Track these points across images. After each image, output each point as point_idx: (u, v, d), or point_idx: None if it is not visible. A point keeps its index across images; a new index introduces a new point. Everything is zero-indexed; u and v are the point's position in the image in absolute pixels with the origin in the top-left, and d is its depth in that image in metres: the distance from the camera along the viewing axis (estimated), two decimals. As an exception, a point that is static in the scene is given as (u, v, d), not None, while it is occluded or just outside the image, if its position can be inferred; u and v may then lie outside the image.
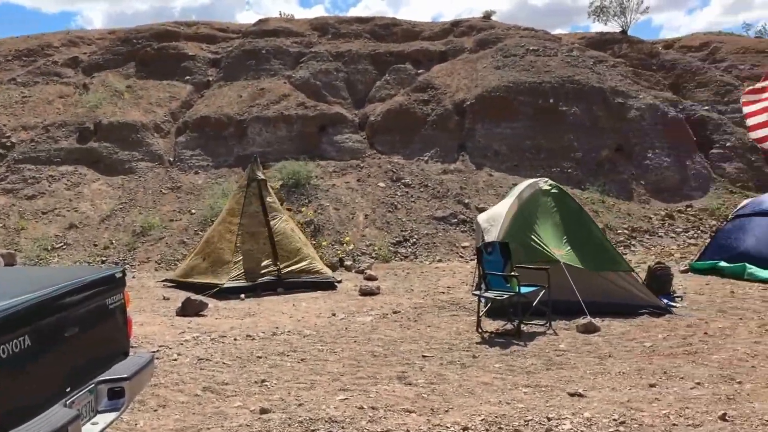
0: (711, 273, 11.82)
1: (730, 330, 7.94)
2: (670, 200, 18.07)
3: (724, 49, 24.82)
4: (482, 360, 6.82)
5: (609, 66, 21.77)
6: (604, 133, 19.25)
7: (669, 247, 15.43)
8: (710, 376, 6.10)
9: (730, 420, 4.93)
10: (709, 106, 21.01)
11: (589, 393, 5.65)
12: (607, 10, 25.88)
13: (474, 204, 16.46)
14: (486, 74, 20.75)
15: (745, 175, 18.97)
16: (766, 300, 9.71)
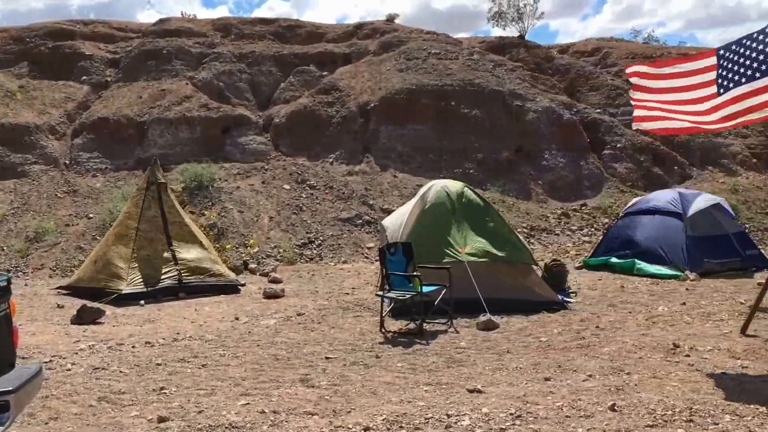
0: (603, 269, 12.39)
1: (620, 323, 8.34)
2: (565, 199, 18.82)
3: (614, 54, 26.10)
4: (385, 360, 6.89)
5: (508, 70, 22.45)
6: (504, 134, 19.84)
7: (565, 244, 16.06)
8: (601, 368, 6.38)
9: (619, 410, 5.18)
10: (601, 109, 22.04)
11: (487, 389, 5.80)
12: (505, 15, 26.68)
13: (379, 205, 16.60)
14: (390, 77, 20.98)
15: (635, 174, 19.98)
16: (654, 294, 10.25)
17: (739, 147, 21.45)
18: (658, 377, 6.08)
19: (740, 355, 6.75)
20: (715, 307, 9.08)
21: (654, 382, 5.93)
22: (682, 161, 20.45)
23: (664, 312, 8.90)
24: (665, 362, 6.57)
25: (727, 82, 6.69)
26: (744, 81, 6.62)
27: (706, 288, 10.50)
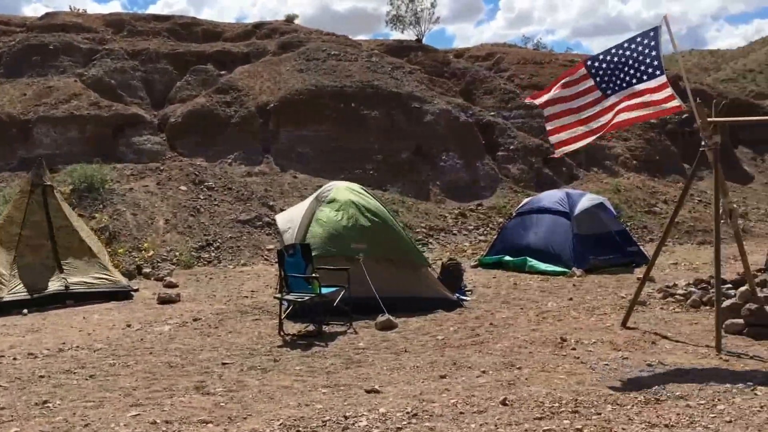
0: (498, 267, 12.79)
1: (513, 319, 8.66)
2: (462, 200, 19.27)
3: (507, 59, 27.00)
4: (283, 363, 6.86)
5: (406, 72, 22.79)
6: (403, 136, 20.11)
7: (462, 243, 16.46)
8: (494, 364, 6.62)
9: (510, 404, 5.39)
10: (495, 111, 22.73)
11: (385, 388, 5.89)
12: (403, 19, 27.10)
13: (279, 206, 16.45)
14: (289, 77, 20.85)
15: (527, 175, 20.72)
16: (544, 290, 10.70)
17: (620, 149, 22.65)
18: (547, 371, 6.37)
19: (621, 347, 7.16)
20: (599, 302, 9.57)
21: (543, 376, 6.20)
22: (570, 163, 21.39)
23: (553, 308, 9.31)
24: (553, 356, 6.89)
25: (612, 85, 7.09)
26: (624, 86, 7.06)
27: (591, 284, 11.05)
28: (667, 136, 24.06)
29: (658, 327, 8.00)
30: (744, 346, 7.05)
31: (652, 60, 6.92)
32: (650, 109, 6.92)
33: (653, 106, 6.90)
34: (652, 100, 6.88)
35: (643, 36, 7.14)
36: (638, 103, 6.93)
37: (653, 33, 7.05)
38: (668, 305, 9.16)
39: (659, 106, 6.90)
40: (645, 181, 21.32)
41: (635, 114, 7.03)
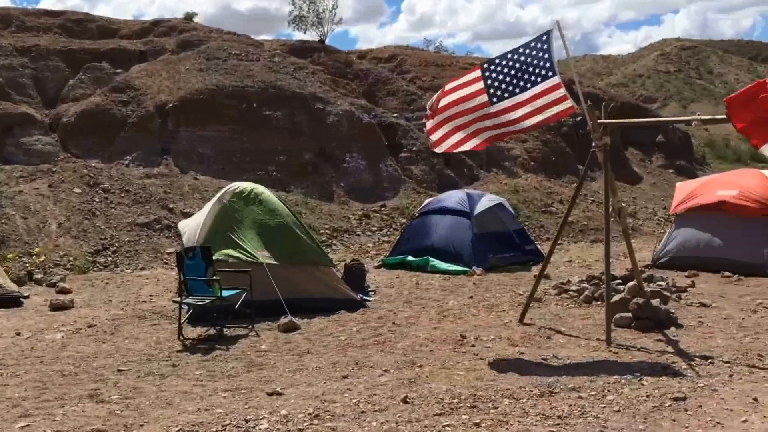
0: (400, 267, 12.91)
1: (415, 318, 8.77)
2: (366, 201, 19.36)
3: (409, 61, 27.35)
4: (182, 368, 6.68)
5: (309, 73, 22.69)
6: (307, 137, 20.00)
7: (366, 244, 16.54)
8: (396, 363, 6.69)
9: (411, 402, 5.46)
10: (398, 113, 22.98)
11: (287, 390, 5.85)
12: (305, 19, 26.96)
13: (179, 209, 16.02)
14: (189, 77, 20.33)
15: (429, 176, 21.05)
16: (446, 289, 10.88)
17: (519, 151, 23.38)
18: (447, 368, 6.50)
19: (518, 343, 7.39)
20: (497, 300, 9.84)
21: (443, 373, 6.32)
22: (471, 164, 21.89)
23: (454, 306, 9.50)
24: (454, 353, 7.03)
25: (500, 92, 7.28)
26: (518, 91, 7.26)
27: (490, 282, 11.34)
28: (562, 138, 25.00)
29: (552, 322, 8.31)
30: (632, 338, 7.42)
31: (545, 62, 7.12)
32: (544, 114, 7.11)
33: (548, 110, 7.08)
34: (546, 104, 7.07)
35: (536, 40, 7.35)
36: (533, 110, 7.11)
37: (546, 37, 7.28)
38: (563, 301, 9.52)
39: (553, 109, 7.08)
40: (542, 181, 22.09)
41: (530, 122, 7.18)
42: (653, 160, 28.45)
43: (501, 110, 7.24)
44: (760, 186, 11.63)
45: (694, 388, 5.68)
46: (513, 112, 7.21)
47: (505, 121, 7.25)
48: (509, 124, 7.26)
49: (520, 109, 7.18)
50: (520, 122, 7.22)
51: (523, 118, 7.18)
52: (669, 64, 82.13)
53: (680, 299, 9.30)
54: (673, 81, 77.58)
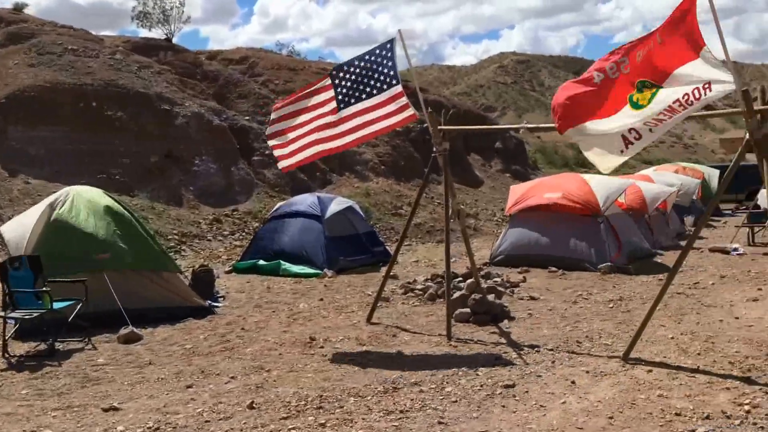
0: (252, 272, 12.77)
1: (264, 323, 8.72)
2: (217, 205, 18.97)
3: (261, 64, 27.11)
4: (7, 388, 6.21)
5: (155, 72, 21.89)
6: (152, 139, 19.28)
7: (217, 249, 16.19)
8: (243, 369, 6.62)
9: (257, 407, 5.44)
10: (250, 116, 22.72)
11: (125, 405, 5.62)
12: (150, 16, 25.96)
13: (8, 215, 14.87)
14: (18, 72, 18.97)
15: (282, 180, 20.98)
16: (297, 292, 10.90)
17: (370, 155, 23.86)
18: (295, 371, 6.53)
19: (366, 342, 7.57)
20: (347, 301, 10.01)
21: (291, 376, 6.34)
22: (324, 168, 22.07)
23: (305, 309, 9.54)
24: (302, 356, 7.07)
25: (347, 99, 7.45)
26: (365, 97, 7.45)
27: (341, 284, 11.50)
28: (411, 143, 25.79)
29: (399, 321, 8.58)
30: (470, 332, 7.82)
31: (389, 71, 7.36)
32: (388, 121, 7.35)
33: (390, 118, 7.33)
34: (390, 111, 7.32)
35: (380, 48, 7.57)
36: (376, 117, 7.33)
37: (389, 45, 7.52)
38: (409, 300, 9.85)
39: (395, 117, 7.34)
40: (392, 185, 22.67)
41: (374, 128, 7.40)
42: (492, 165, 30.06)
43: (348, 116, 7.41)
44: (580, 189, 12.67)
45: (522, 375, 6.10)
46: (358, 118, 7.41)
47: (352, 127, 7.42)
48: (355, 130, 7.42)
49: (365, 116, 7.39)
50: (364, 128, 7.42)
51: (367, 124, 7.40)
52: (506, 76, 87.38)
53: (513, 294, 9.93)
54: (510, 92, 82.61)
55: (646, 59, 5.83)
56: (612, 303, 9.22)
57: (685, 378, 5.84)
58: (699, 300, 9.21)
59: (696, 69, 5.54)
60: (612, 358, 6.52)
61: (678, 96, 5.59)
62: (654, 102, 5.76)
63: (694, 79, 5.53)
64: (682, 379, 5.82)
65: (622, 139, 5.92)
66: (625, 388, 5.63)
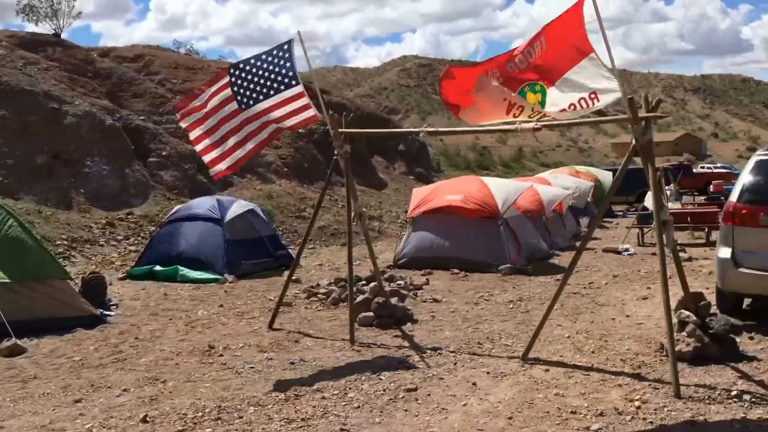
0: (148, 278, 12.27)
1: (160, 331, 8.38)
2: (111, 208, 18.19)
3: (158, 62, 26.23)
4: None
5: (42, 69, 20.77)
6: (40, 139, 18.27)
7: (110, 255, 15.52)
8: (137, 380, 6.32)
9: (151, 420, 5.20)
10: (145, 116, 21.93)
11: (7, 423, 5.25)
12: (37, 9, 24.62)
13: None
14: None
15: (181, 182, 20.39)
16: (195, 299, 10.56)
17: (273, 157, 23.56)
18: (193, 381, 6.29)
19: (267, 348, 7.39)
20: (248, 306, 9.78)
21: (188, 387, 6.11)
22: (225, 169, 21.56)
23: (203, 316, 9.25)
24: (200, 365, 6.83)
25: (246, 99, 7.30)
26: (262, 98, 7.33)
27: (242, 289, 11.24)
28: (314, 145, 25.66)
29: (301, 326, 8.44)
30: (373, 336, 7.79)
31: (287, 71, 7.29)
32: (289, 121, 7.31)
33: (292, 118, 7.29)
34: (290, 111, 7.27)
35: (278, 48, 7.48)
36: (279, 116, 7.26)
37: (287, 46, 7.43)
38: (312, 304, 9.73)
39: (296, 117, 7.30)
40: (295, 187, 22.47)
41: (277, 127, 7.34)
42: (396, 167, 30.37)
43: (250, 117, 7.29)
44: (479, 191, 12.95)
45: (425, 378, 6.12)
46: (259, 120, 7.29)
47: (256, 128, 7.30)
48: (259, 131, 7.31)
49: (265, 116, 7.29)
50: (267, 128, 7.31)
51: (269, 123, 7.29)
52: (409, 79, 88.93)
53: (416, 296, 9.99)
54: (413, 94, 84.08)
55: (531, 64, 5.99)
56: (512, 304, 9.44)
57: (580, 376, 6.04)
58: (593, 299, 9.58)
59: (583, 75, 5.73)
60: (512, 359, 6.66)
61: (565, 105, 5.79)
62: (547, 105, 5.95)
63: (582, 86, 5.71)
64: (577, 377, 6.01)
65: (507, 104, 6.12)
66: (524, 387, 5.76)
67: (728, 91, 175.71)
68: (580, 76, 5.73)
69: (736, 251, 7.50)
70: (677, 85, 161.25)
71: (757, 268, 7.33)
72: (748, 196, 7.55)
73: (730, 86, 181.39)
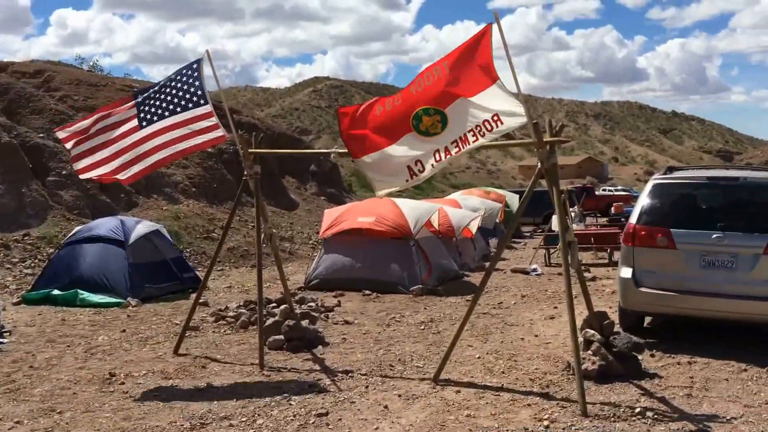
0: (45, 302, 11.65)
1: (57, 359, 7.93)
2: (6, 229, 17.17)
3: (58, 78, 25.18)
4: None
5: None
6: (-74, 156, 17.11)
7: (5, 279, 14.62)
8: (31, 412, 5.95)
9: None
10: (45, 133, 20.91)
11: None
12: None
13: None
14: None
15: (82, 202, 19.50)
16: (96, 324, 10.07)
17: (180, 177, 22.94)
18: (92, 411, 5.97)
19: (172, 375, 7.11)
20: (153, 331, 9.41)
21: (87, 417, 5.80)
22: (129, 189, 20.81)
23: (104, 342, 8.83)
24: (100, 394, 6.50)
25: (150, 116, 7.14)
26: (167, 114, 7.16)
27: (146, 313, 10.82)
28: (224, 164, 25.17)
29: (209, 351, 8.18)
30: (284, 360, 7.64)
31: (196, 90, 7.17)
32: (195, 140, 7.13)
33: (198, 137, 7.12)
34: (197, 130, 7.10)
35: (187, 68, 7.37)
36: (183, 135, 7.08)
37: (196, 65, 7.33)
38: (220, 328, 9.45)
39: (204, 137, 7.14)
40: (204, 208, 21.92)
41: (181, 146, 7.14)
42: (308, 188, 30.23)
43: (151, 134, 7.10)
44: (391, 212, 13.01)
45: (336, 402, 6.03)
46: (163, 136, 7.12)
47: (156, 145, 7.12)
48: (160, 148, 7.13)
49: (169, 133, 7.12)
50: (170, 146, 7.14)
51: (172, 142, 7.15)
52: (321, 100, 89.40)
53: (328, 318, 9.89)
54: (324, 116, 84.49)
55: (431, 87, 6.07)
56: (423, 325, 9.48)
57: (491, 397, 6.09)
58: (503, 319, 9.76)
59: (488, 100, 5.85)
60: (423, 380, 6.66)
61: (471, 126, 5.87)
62: (447, 131, 6.00)
63: (486, 109, 5.82)
64: (488, 398, 6.07)
65: (408, 170, 6.16)
66: (436, 410, 5.76)
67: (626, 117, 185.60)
68: (485, 101, 5.84)
69: (637, 271, 7.80)
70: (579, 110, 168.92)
71: (656, 287, 7.65)
72: (646, 218, 7.89)
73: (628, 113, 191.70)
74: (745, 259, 7.32)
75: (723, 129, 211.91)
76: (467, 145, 5.90)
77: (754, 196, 7.95)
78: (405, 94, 6.23)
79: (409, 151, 6.12)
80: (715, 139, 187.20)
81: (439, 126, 6.01)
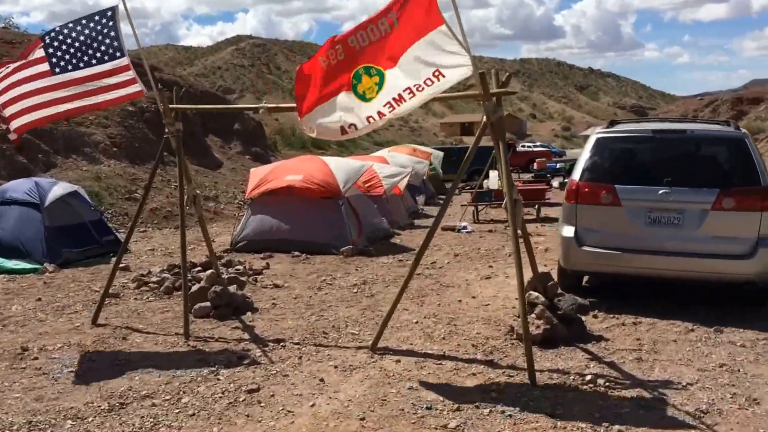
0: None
1: (-38, 333, 7.31)
2: None
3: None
4: None
5: None
6: None
7: None
8: (-72, 395, 5.40)
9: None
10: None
11: None
12: None
13: None
14: None
15: (-5, 162, 18.26)
16: (10, 292, 9.35)
17: (101, 136, 21.79)
18: (0, 390, 5.47)
19: (90, 348, 6.63)
20: (70, 299, 8.81)
21: (-8, 398, 5.30)
22: (47, 149, 19.60)
23: (17, 312, 8.20)
24: (10, 371, 5.99)
25: (63, 63, 6.64)
26: (82, 65, 6.66)
27: (64, 279, 10.18)
28: (146, 123, 24.06)
29: (130, 320, 7.69)
30: (211, 328, 7.21)
31: (112, 41, 6.75)
32: (112, 94, 6.75)
33: (114, 91, 6.74)
34: (113, 84, 6.71)
35: (100, 15, 6.85)
36: (99, 88, 6.69)
37: (111, 14, 6.81)
38: (142, 294, 8.92)
39: (121, 91, 6.75)
40: (125, 168, 20.92)
41: (96, 99, 6.78)
42: (232, 147, 29.37)
43: (64, 82, 6.68)
44: (320, 171, 12.58)
45: (267, 376, 5.67)
46: (77, 87, 6.69)
47: (70, 95, 6.73)
48: (73, 98, 6.75)
49: (85, 84, 6.73)
50: (85, 98, 6.76)
51: (88, 94, 6.77)
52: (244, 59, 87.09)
53: (256, 282, 9.48)
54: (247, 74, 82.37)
55: (376, 44, 5.62)
56: (356, 287, 9.19)
57: (432, 366, 5.83)
58: (437, 280, 9.54)
59: (428, 51, 5.36)
60: (360, 349, 6.36)
61: (409, 85, 5.42)
62: (383, 92, 5.54)
63: (426, 63, 5.36)
64: (430, 367, 5.80)
65: (340, 129, 5.75)
66: (375, 382, 5.47)
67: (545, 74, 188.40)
68: (424, 52, 5.39)
69: (579, 229, 7.56)
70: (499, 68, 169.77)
71: (599, 245, 7.43)
72: (589, 174, 7.60)
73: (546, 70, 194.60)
74: (692, 215, 7.14)
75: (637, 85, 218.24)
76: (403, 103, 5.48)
77: (701, 150, 7.71)
78: (346, 47, 5.72)
79: (344, 113, 5.70)
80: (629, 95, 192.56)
81: (375, 89, 5.57)
